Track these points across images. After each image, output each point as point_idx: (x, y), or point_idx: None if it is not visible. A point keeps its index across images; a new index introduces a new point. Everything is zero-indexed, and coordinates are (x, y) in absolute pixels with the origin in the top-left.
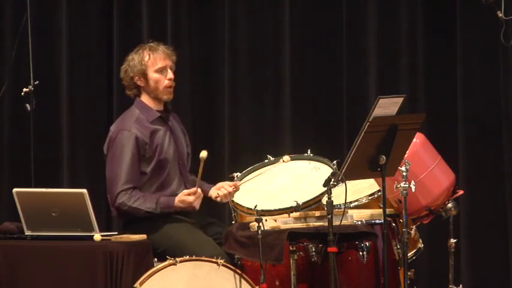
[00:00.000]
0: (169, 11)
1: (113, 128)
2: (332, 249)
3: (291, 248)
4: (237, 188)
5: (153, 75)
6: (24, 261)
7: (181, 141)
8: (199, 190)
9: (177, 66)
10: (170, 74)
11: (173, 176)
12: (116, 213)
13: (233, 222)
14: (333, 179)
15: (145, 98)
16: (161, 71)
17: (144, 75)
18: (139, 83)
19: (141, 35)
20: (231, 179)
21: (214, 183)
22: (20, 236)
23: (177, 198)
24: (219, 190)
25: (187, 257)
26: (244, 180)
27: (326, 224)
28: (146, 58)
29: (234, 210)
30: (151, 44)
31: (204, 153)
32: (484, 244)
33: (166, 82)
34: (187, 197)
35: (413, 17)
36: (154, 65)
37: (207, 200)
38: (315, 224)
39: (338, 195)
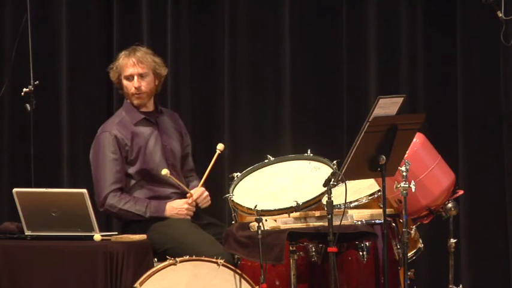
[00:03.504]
0: (169, 10)
1: (98, 130)
2: (332, 249)
3: (291, 248)
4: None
5: (123, 81)
6: (24, 261)
7: (172, 141)
8: (194, 196)
9: (177, 66)
10: (136, 83)
11: (163, 179)
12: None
13: (233, 222)
14: (333, 179)
15: None
16: (128, 78)
17: (119, 79)
18: (119, 85)
19: (141, 35)
20: (231, 179)
21: (214, 182)
22: (20, 236)
23: (168, 205)
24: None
25: (187, 257)
26: None
27: (326, 224)
28: (120, 64)
29: (234, 210)
30: (132, 47)
31: (220, 146)
32: (484, 244)
33: (132, 89)
34: (180, 205)
35: (413, 17)
36: (124, 72)
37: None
38: (315, 224)
39: (338, 195)
